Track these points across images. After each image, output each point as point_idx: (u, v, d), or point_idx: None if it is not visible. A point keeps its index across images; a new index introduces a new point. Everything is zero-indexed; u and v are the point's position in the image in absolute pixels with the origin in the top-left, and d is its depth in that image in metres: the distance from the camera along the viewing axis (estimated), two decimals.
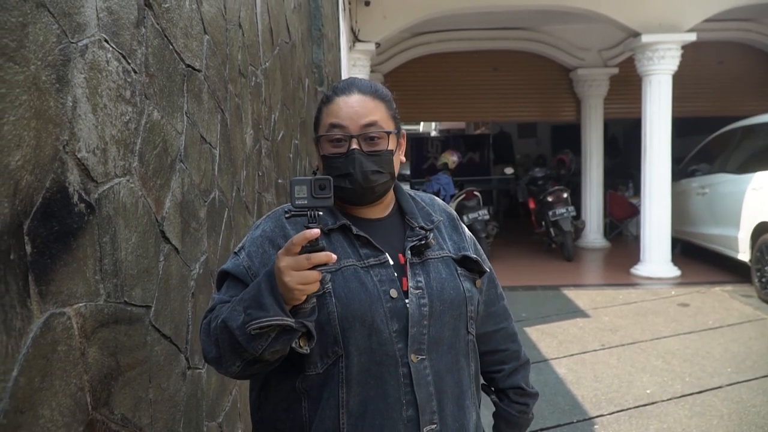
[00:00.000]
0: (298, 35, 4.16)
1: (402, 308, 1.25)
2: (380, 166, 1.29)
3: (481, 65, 10.86)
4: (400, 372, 1.23)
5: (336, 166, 1.29)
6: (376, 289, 1.25)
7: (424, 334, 1.26)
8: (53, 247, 1.01)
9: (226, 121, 2.17)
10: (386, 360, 1.23)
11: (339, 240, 1.30)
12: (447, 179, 10.32)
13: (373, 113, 1.30)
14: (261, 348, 1.10)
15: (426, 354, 1.26)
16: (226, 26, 2.20)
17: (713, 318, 5.95)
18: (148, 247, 1.42)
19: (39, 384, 0.95)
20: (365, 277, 1.26)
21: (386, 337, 1.23)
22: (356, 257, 1.28)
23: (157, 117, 1.49)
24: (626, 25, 7.60)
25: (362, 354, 1.23)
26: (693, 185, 8.41)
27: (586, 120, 10.24)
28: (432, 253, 1.35)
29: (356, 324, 1.22)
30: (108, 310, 1.20)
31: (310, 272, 1.06)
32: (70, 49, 1.08)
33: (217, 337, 1.15)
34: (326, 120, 1.32)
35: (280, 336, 1.10)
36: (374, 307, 1.23)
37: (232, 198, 2.26)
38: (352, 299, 1.22)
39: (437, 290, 1.30)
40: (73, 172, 1.08)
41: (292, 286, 1.05)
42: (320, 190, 1.10)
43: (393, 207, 1.41)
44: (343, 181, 1.28)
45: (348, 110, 1.30)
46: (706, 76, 10.53)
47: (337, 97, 1.32)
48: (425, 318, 1.26)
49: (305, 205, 1.10)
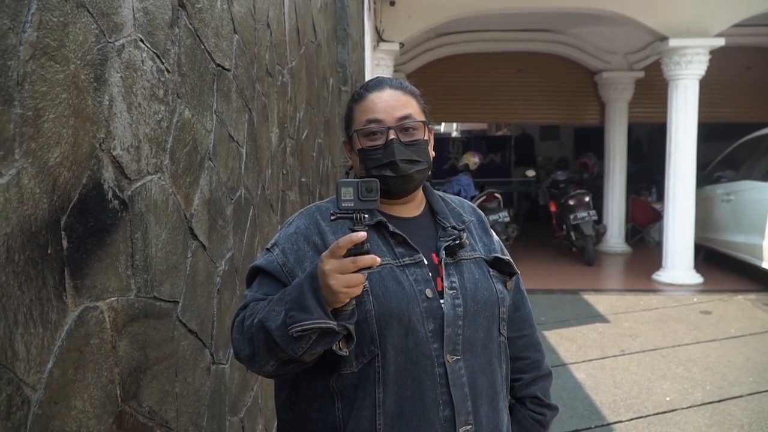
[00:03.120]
0: (324, 35, 4.18)
1: (437, 308, 1.25)
2: (418, 155, 1.31)
3: (505, 66, 10.81)
4: (436, 372, 1.23)
5: (375, 157, 1.30)
6: (412, 289, 1.25)
7: (459, 335, 1.26)
8: (88, 242, 1.03)
9: (253, 119, 2.19)
10: (422, 360, 1.23)
11: (374, 238, 1.29)
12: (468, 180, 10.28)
13: (406, 106, 1.33)
14: (302, 350, 1.10)
15: (461, 354, 1.26)
16: (255, 26, 2.22)
17: (735, 326, 5.88)
18: (177, 243, 1.45)
19: (72, 376, 0.97)
20: (401, 276, 1.26)
21: (422, 337, 1.23)
22: (392, 256, 1.28)
23: (188, 116, 1.52)
24: (654, 29, 7.52)
25: (399, 353, 1.22)
26: (718, 192, 8.30)
27: (610, 123, 10.14)
28: (465, 253, 1.35)
29: (393, 323, 1.22)
30: (138, 304, 1.22)
31: (355, 275, 1.06)
32: (107, 48, 1.10)
33: (252, 335, 1.15)
34: (360, 116, 1.34)
35: (321, 338, 1.09)
36: (411, 306, 1.23)
37: (258, 196, 2.28)
38: (389, 298, 1.22)
39: (471, 291, 1.30)
40: (108, 169, 1.11)
41: (338, 289, 1.05)
42: (367, 192, 1.09)
43: (424, 207, 1.41)
44: (384, 170, 1.29)
45: (382, 104, 1.32)
46: (734, 81, 10.37)
47: (370, 94, 1.34)
48: (460, 318, 1.26)
49: (351, 207, 1.09)
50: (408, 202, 1.37)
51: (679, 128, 7.50)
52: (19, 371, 0.83)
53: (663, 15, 7.44)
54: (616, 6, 7.44)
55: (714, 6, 7.38)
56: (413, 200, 1.38)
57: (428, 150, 1.36)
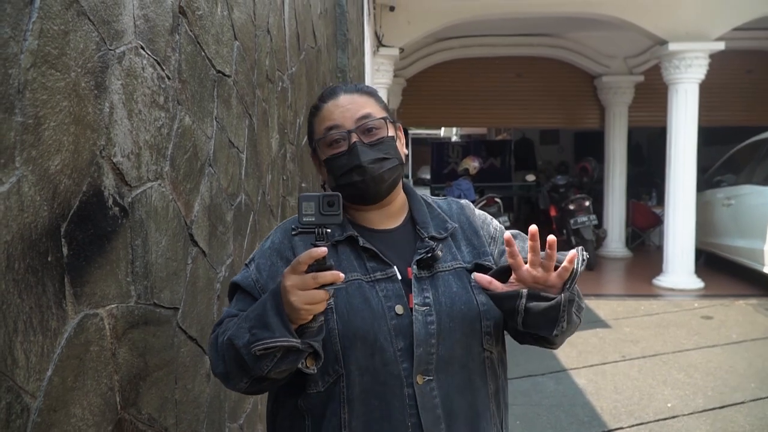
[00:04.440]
0: (324, 40, 4.19)
1: (408, 326, 1.20)
2: (385, 152, 1.26)
3: (505, 71, 10.83)
4: (405, 393, 1.18)
5: (340, 164, 1.25)
6: (380, 305, 1.20)
7: (431, 354, 1.20)
8: (88, 249, 1.03)
9: (253, 125, 2.19)
10: (390, 380, 1.18)
11: (346, 252, 1.25)
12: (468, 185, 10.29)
13: (364, 106, 1.28)
14: (267, 368, 1.07)
15: (434, 375, 1.20)
16: (255, 32, 2.22)
17: (737, 332, 5.87)
18: (177, 250, 1.45)
19: (72, 383, 0.97)
20: (370, 292, 1.21)
21: (390, 357, 1.18)
22: (362, 271, 1.23)
23: (188, 122, 1.52)
24: (653, 33, 7.53)
25: (364, 373, 1.18)
26: (718, 196, 8.30)
27: (610, 128, 10.15)
28: (443, 265, 1.27)
29: (357, 342, 1.18)
30: (138, 311, 1.22)
31: (316, 292, 1.03)
32: (108, 56, 1.10)
33: (224, 353, 1.14)
34: (320, 127, 1.30)
35: (286, 356, 1.07)
36: (377, 324, 1.18)
37: (258, 202, 2.28)
38: (354, 316, 1.18)
39: (446, 306, 1.23)
40: (108, 176, 1.11)
41: (298, 306, 1.03)
42: (329, 206, 1.07)
43: (406, 217, 1.35)
44: (351, 176, 1.24)
45: (339, 110, 1.28)
46: (734, 85, 10.38)
47: (325, 104, 1.31)
48: (432, 336, 1.20)
49: (312, 222, 1.06)
50: (386, 206, 1.32)
51: (679, 132, 7.51)
52: (18, 379, 0.83)
53: (662, 19, 7.45)
54: (616, 10, 7.46)
55: (714, 10, 7.40)
56: (393, 207, 1.33)
57: (397, 146, 1.30)
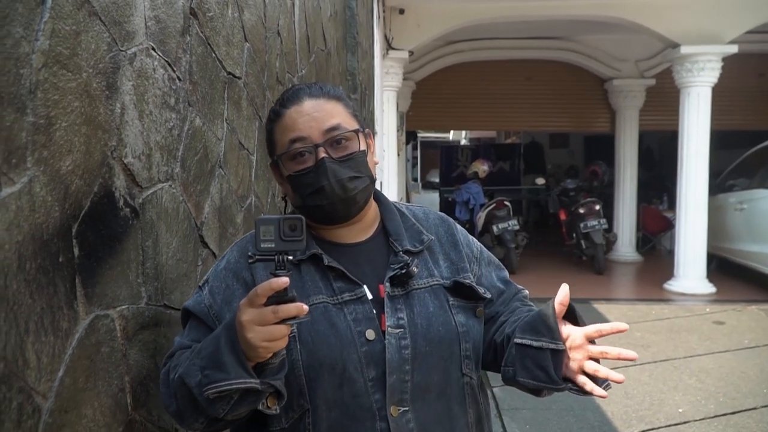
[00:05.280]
0: (334, 43, 4.19)
1: (380, 352, 1.09)
2: (356, 170, 1.13)
3: (515, 74, 10.80)
4: (378, 427, 1.07)
5: (307, 183, 1.12)
6: (349, 331, 1.08)
7: (406, 382, 1.10)
8: (99, 250, 1.03)
9: (263, 127, 2.19)
10: (361, 414, 1.08)
11: (310, 272, 1.13)
12: (477, 188, 10.28)
13: (332, 116, 1.15)
14: (223, 411, 0.97)
15: (409, 404, 1.10)
16: (265, 34, 2.23)
17: (749, 337, 5.81)
18: (187, 251, 1.44)
19: (83, 384, 0.97)
20: (337, 316, 1.09)
21: (360, 388, 1.08)
22: (328, 292, 1.11)
23: (198, 124, 1.52)
24: (665, 36, 7.48)
25: (332, 408, 1.08)
26: (730, 200, 8.24)
27: (621, 131, 10.10)
28: (418, 281, 1.16)
29: (324, 373, 1.07)
30: (149, 312, 1.22)
31: (277, 327, 0.91)
32: (119, 56, 1.11)
33: (176, 391, 1.02)
34: (282, 137, 1.16)
35: (244, 398, 0.96)
36: (346, 352, 1.07)
37: (268, 203, 2.28)
38: (319, 344, 1.07)
39: (422, 328, 1.12)
40: (119, 177, 1.11)
41: (256, 344, 0.91)
42: (290, 231, 0.94)
43: (378, 227, 1.23)
44: (318, 198, 1.12)
45: (304, 119, 1.13)
46: (747, 88, 10.30)
47: (287, 110, 1.16)
48: (407, 362, 1.10)
49: (272, 249, 0.94)
50: (355, 223, 1.20)
51: (691, 136, 7.46)
52: (30, 379, 0.83)
53: (675, 22, 7.41)
54: (627, 13, 7.42)
55: (726, 13, 7.35)
56: (363, 222, 1.21)
57: (368, 161, 1.17)
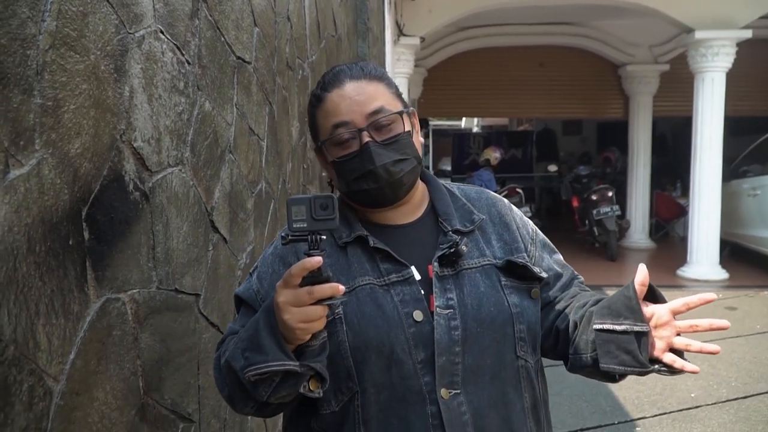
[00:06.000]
0: (344, 29, 4.17)
1: (428, 333, 1.06)
2: (402, 152, 1.10)
3: (527, 61, 10.70)
4: (428, 411, 1.04)
5: (352, 168, 1.10)
6: (396, 312, 1.06)
7: (457, 364, 1.06)
8: (109, 233, 1.03)
9: (273, 113, 2.18)
10: (410, 397, 1.05)
11: (356, 255, 1.11)
12: (489, 175, 10.22)
13: (375, 98, 1.11)
14: (265, 394, 0.96)
15: (461, 387, 1.06)
16: (275, 19, 2.21)
17: (761, 322, 5.77)
18: (198, 236, 1.44)
19: (95, 367, 0.97)
20: (383, 297, 1.07)
21: (409, 370, 1.05)
22: (375, 274, 1.09)
23: (208, 108, 1.51)
24: (679, 21, 7.38)
25: (381, 390, 1.05)
26: (744, 186, 8.15)
27: (634, 117, 10.00)
28: (469, 261, 1.13)
29: (372, 355, 1.05)
30: (160, 296, 1.22)
31: (313, 308, 0.91)
32: (127, 39, 1.10)
33: (225, 376, 1.03)
34: (325, 123, 1.13)
35: (285, 381, 0.95)
36: (393, 333, 1.05)
37: (278, 189, 2.28)
38: (365, 326, 1.05)
39: (473, 308, 1.09)
40: (129, 160, 1.10)
41: (293, 325, 0.91)
42: (322, 210, 0.94)
43: (426, 208, 1.20)
44: (364, 182, 1.10)
45: (346, 103, 1.11)
46: (761, 74, 10.15)
47: (328, 93, 1.13)
48: (457, 344, 1.06)
49: (304, 228, 0.94)
50: (402, 205, 1.16)
51: (705, 122, 7.37)
52: (41, 362, 0.83)
53: (689, 6, 7.30)
54: None
55: None
56: (411, 203, 1.18)
57: (414, 142, 1.14)
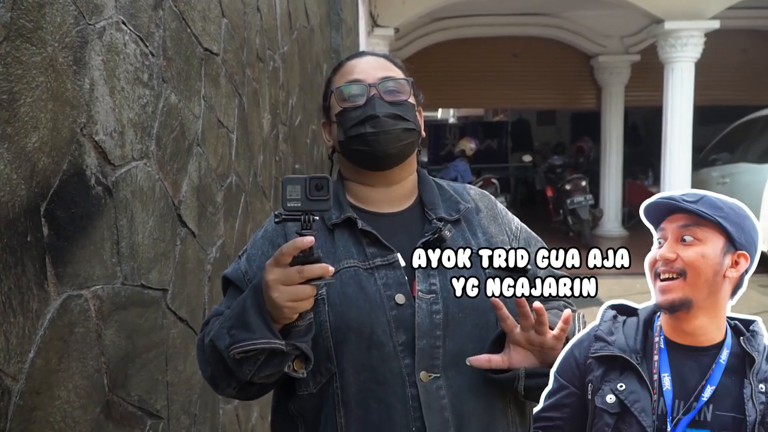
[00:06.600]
0: (317, 20, 4.14)
1: (410, 316, 1.07)
2: (404, 113, 1.13)
3: (501, 51, 10.73)
4: (408, 393, 1.05)
5: (354, 115, 1.12)
6: (378, 294, 1.07)
7: (438, 348, 1.07)
8: (70, 229, 1.01)
9: (243, 105, 2.16)
10: (391, 379, 1.05)
11: (343, 237, 1.13)
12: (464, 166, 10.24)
13: (390, 70, 1.18)
14: (249, 373, 0.97)
15: (441, 372, 1.07)
16: (244, 10, 2.18)
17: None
18: (165, 230, 1.42)
19: (56, 365, 0.96)
20: (367, 280, 1.08)
21: (390, 352, 1.06)
22: (361, 257, 1.11)
23: (174, 101, 1.49)
24: (649, 12, 7.46)
25: (361, 372, 1.06)
26: (713, 174, 8.29)
27: (607, 108, 10.09)
28: (453, 249, 1.13)
29: (352, 336, 1.06)
30: (125, 292, 1.20)
31: (302, 287, 0.92)
32: (87, 30, 1.08)
33: (209, 356, 1.04)
34: (339, 80, 1.18)
35: (269, 360, 0.96)
36: (374, 315, 1.06)
37: (249, 183, 2.26)
38: (347, 307, 1.06)
39: (455, 293, 1.09)
40: (90, 154, 1.08)
41: (281, 303, 0.92)
42: (316, 190, 0.94)
43: (415, 200, 1.22)
44: (363, 127, 1.11)
45: (362, 65, 1.17)
46: (729, 64, 10.31)
47: (349, 62, 1.20)
48: (438, 328, 1.07)
49: (298, 208, 0.94)
50: (393, 185, 1.18)
51: (674, 111, 7.48)
52: None
53: None
54: None
55: None
56: (401, 188, 1.20)
57: (417, 115, 1.18)
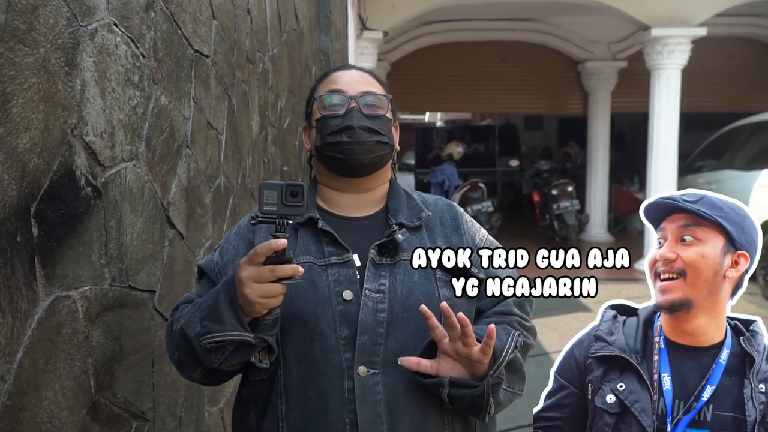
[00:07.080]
0: (306, 22, 4.14)
1: (355, 312, 1.11)
2: (379, 127, 1.19)
3: (489, 56, 10.78)
4: (345, 386, 1.09)
5: (333, 123, 1.18)
6: (327, 290, 1.12)
7: (379, 344, 1.11)
8: (60, 230, 1.01)
9: (232, 107, 2.16)
10: (331, 371, 1.10)
11: (305, 236, 1.18)
12: (451, 170, 10.30)
13: (371, 85, 1.24)
14: (218, 361, 1.04)
15: (380, 368, 1.10)
16: (234, 12, 2.19)
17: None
18: (153, 232, 1.43)
19: (43, 366, 0.96)
20: (319, 276, 1.13)
21: (332, 345, 1.10)
22: (318, 255, 1.16)
23: (164, 102, 1.49)
24: (636, 19, 7.53)
25: (303, 361, 1.11)
26: (699, 181, 8.36)
27: (593, 113, 10.17)
28: (409, 254, 1.17)
29: (297, 326, 1.11)
30: (113, 294, 1.20)
31: (273, 285, 0.99)
32: (79, 32, 1.08)
33: (177, 342, 1.10)
34: (323, 89, 1.25)
35: (238, 350, 1.03)
36: (320, 309, 1.11)
37: (238, 184, 2.26)
38: (295, 298, 1.10)
39: (402, 295, 1.14)
40: (80, 155, 1.08)
41: (253, 299, 0.98)
42: (291, 197, 1.01)
43: (383, 206, 1.26)
44: (339, 135, 1.16)
45: (346, 78, 1.24)
46: (716, 71, 10.42)
47: (334, 73, 1.27)
48: (381, 326, 1.11)
49: (274, 212, 1.01)
50: (363, 192, 1.23)
51: (661, 118, 7.54)
52: None
53: (645, 4, 7.45)
54: None
55: None
56: (370, 195, 1.25)
57: (392, 130, 1.24)
